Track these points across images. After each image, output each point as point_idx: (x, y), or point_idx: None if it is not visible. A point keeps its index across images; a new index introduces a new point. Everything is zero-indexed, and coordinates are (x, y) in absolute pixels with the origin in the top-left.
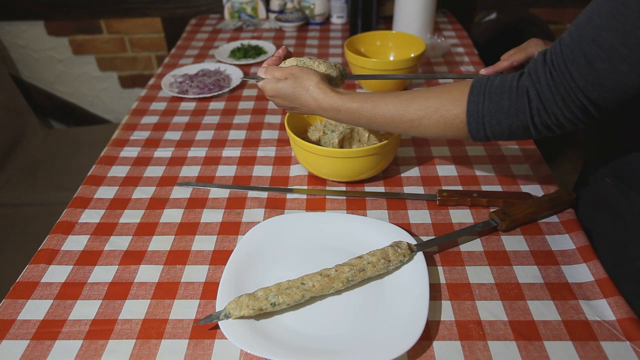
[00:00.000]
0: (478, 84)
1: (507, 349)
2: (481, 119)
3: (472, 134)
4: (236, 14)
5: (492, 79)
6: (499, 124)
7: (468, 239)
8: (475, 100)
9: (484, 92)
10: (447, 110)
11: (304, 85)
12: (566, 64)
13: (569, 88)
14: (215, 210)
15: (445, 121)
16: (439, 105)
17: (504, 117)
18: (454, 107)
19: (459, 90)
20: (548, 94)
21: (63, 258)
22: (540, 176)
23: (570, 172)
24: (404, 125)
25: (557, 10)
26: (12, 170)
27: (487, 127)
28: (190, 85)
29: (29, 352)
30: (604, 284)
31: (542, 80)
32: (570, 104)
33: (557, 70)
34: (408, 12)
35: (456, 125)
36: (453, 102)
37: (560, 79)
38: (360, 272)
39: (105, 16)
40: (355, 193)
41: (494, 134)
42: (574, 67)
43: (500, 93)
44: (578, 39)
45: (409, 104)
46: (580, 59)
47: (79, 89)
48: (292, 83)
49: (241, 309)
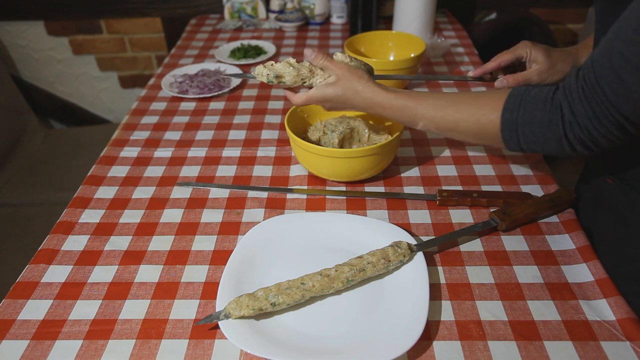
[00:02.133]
0: (515, 92)
1: (507, 349)
2: (515, 127)
3: (506, 141)
4: (236, 14)
5: (529, 89)
6: (532, 133)
7: (468, 239)
8: (511, 108)
9: (520, 101)
10: (483, 115)
11: (353, 87)
12: (597, 78)
13: (600, 102)
14: (215, 210)
15: (480, 126)
16: (476, 110)
17: (537, 127)
18: (490, 113)
19: (496, 97)
20: (580, 107)
21: (63, 258)
22: (540, 176)
23: (570, 172)
24: (442, 127)
25: (557, 10)
26: (12, 170)
27: (520, 135)
28: (190, 85)
29: (29, 352)
30: (604, 284)
31: (574, 94)
32: (602, 119)
33: (589, 84)
34: (408, 12)
35: (490, 131)
36: (489, 108)
37: (591, 92)
38: (360, 272)
39: (105, 16)
40: (355, 193)
41: (527, 143)
42: (604, 81)
43: (535, 103)
44: (607, 54)
45: (448, 107)
46: (609, 73)
47: (79, 89)
48: (340, 85)
49: (241, 309)
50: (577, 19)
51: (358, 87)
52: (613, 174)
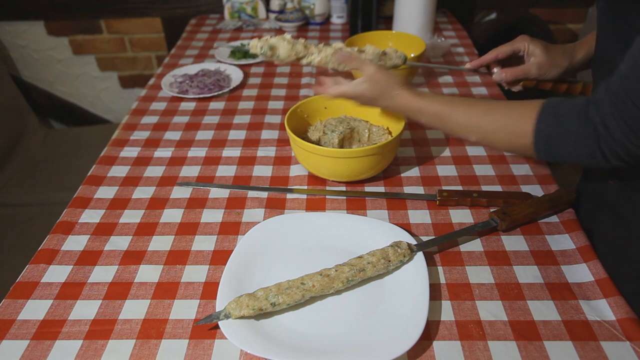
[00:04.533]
0: (549, 104)
1: (507, 349)
2: (548, 139)
3: (539, 152)
4: (236, 14)
5: (563, 101)
6: (566, 146)
7: (468, 239)
8: (545, 120)
9: (554, 112)
10: (518, 126)
11: (389, 92)
12: (627, 93)
13: (633, 116)
14: (215, 210)
15: (514, 136)
16: (511, 121)
17: (572, 140)
18: (524, 124)
19: (530, 108)
20: (613, 122)
21: (63, 258)
22: (540, 176)
23: (570, 172)
24: (475, 135)
25: (557, 10)
26: (12, 170)
27: (553, 147)
28: (190, 85)
29: (29, 352)
30: (604, 283)
31: (605, 110)
32: (638, 132)
33: (620, 99)
34: (408, 12)
35: (523, 142)
36: (524, 119)
37: (623, 108)
38: (360, 272)
39: (105, 16)
40: (355, 193)
41: (561, 155)
42: (635, 95)
43: (569, 116)
44: (635, 69)
45: (482, 116)
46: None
47: (79, 89)
48: (376, 87)
49: (241, 309)
50: (577, 19)
51: (394, 92)
52: (614, 175)
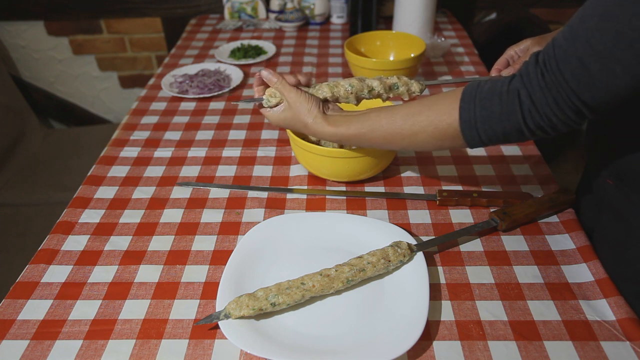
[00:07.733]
0: (468, 90)
1: (507, 349)
2: (474, 126)
3: (468, 141)
4: (236, 14)
5: (482, 85)
6: (492, 128)
7: (468, 239)
8: (467, 107)
9: (474, 98)
10: (441, 121)
11: (305, 120)
12: (558, 65)
13: (561, 89)
14: (215, 210)
15: (440, 132)
16: (432, 117)
17: (497, 122)
18: (447, 117)
19: (451, 99)
20: (540, 95)
21: (63, 258)
22: (540, 176)
23: (570, 172)
24: (402, 143)
25: (557, 10)
26: (12, 170)
27: (480, 133)
28: (190, 85)
29: (29, 352)
30: (604, 284)
31: (534, 82)
32: (562, 106)
33: (550, 71)
34: (408, 12)
35: (451, 134)
36: (445, 113)
37: (552, 80)
38: (360, 272)
39: (105, 16)
40: (355, 193)
41: (489, 138)
42: (567, 68)
43: (491, 98)
44: (571, 40)
45: (403, 122)
46: (573, 60)
47: (79, 89)
48: (294, 117)
49: (241, 309)
50: None
51: (307, 121)
52: (613, 175)
